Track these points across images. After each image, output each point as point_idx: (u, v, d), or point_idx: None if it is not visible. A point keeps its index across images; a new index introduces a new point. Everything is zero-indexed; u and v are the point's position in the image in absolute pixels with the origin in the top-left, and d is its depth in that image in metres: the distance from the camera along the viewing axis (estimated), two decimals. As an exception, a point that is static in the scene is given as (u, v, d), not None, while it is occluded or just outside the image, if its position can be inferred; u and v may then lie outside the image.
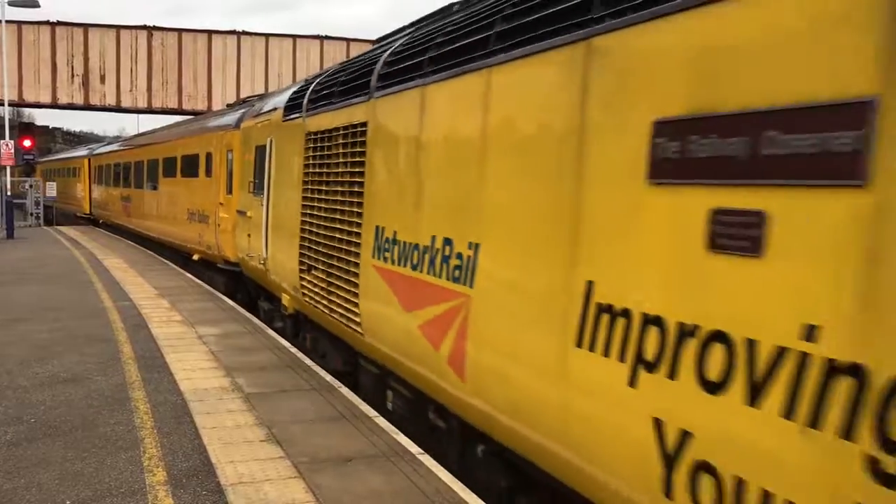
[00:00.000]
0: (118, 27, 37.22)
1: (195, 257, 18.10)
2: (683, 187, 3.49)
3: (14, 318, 12.05)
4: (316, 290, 9.01)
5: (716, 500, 3.26)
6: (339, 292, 8.17)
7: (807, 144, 2.91)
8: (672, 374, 3.51)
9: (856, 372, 2.69)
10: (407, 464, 6.04)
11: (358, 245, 7.56)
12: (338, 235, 8.22)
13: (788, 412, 2.94)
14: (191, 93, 38.15)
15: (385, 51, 7.59)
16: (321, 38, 40.28)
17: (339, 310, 8.18)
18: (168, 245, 21.24)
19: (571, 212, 4.27)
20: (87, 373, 8.67)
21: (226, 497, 5.37)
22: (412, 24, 8.02)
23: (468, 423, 5.75)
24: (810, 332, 2.87)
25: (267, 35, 39.44)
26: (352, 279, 7.75)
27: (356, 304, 7.61)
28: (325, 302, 8.69)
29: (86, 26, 36.62)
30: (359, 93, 7.83)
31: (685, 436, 3.44)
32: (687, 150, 3.47)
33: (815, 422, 2.83)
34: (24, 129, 35.65)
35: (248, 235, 12.87)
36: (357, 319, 7.64)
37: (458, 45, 5.77)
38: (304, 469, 5.88)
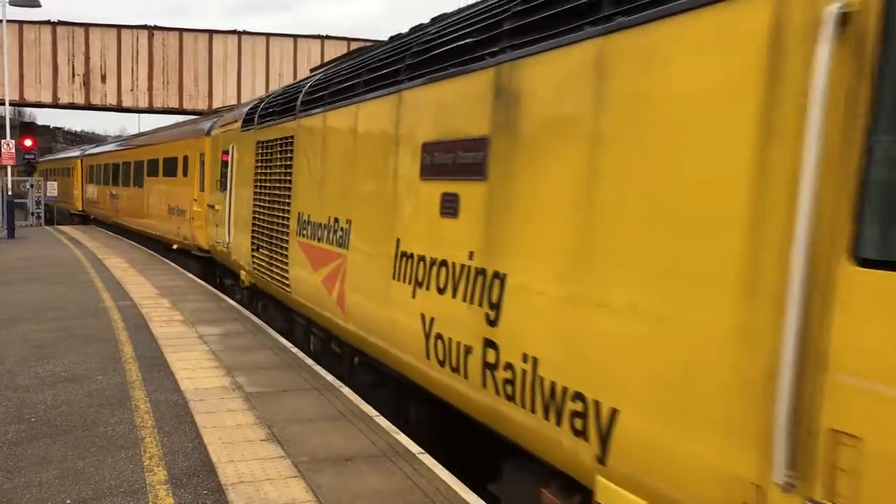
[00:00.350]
0: (119, 27, 37.25)
1: (174, 247, 20.48)
2: (432, 181, 6.03)
3: (15, 317, 12.06)
4: (263, 264, 11.53)
5: (444, 353, 5.70)
6: (277, 264, 10.70)
7: (470, 158, 5.44)
8: (426, 287, 6.02)
9: (484, 273, 5.20)
10: (407, 463, 6.04)
11: (287, 227, 10.18)
12: (276, 221, 10.74)
13: (465, 296, 5.44)
14: (191, 93, 38.18)
15: (307, 83, 10.26)
16: (322, 38, 40.30)
17: (278, 277, 10.67)
18: (151, 237, 23.49)
19: (391, 197, 6.81)
20: (88, 372, 8.67)
21: (226, 496, 5.38)
22: (323, 65, 11.37)
23: (349, 344, 8.35)
24: (471, 255, 5.41)
25: (267, 35, 39.46)
26: (284, 253, 10.33)
27: (287, 271, 10.21)
28: (268, 273, 11.21)
29: (87, 26, 36.65)
30: (289, 114, 10.40)
31: (432, 321, 5.93)
32: (433, 159, 6.02)
33: (472, 299, 5.34)
34: (25, 128, 35.63)
35: (216, 225, 15.17)
36: (287, 282, 10.20)
37: (342, 86, 8.47)
38: (305, 468, 5.89)
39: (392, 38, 8.12)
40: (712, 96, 3.42)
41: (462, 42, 5.79)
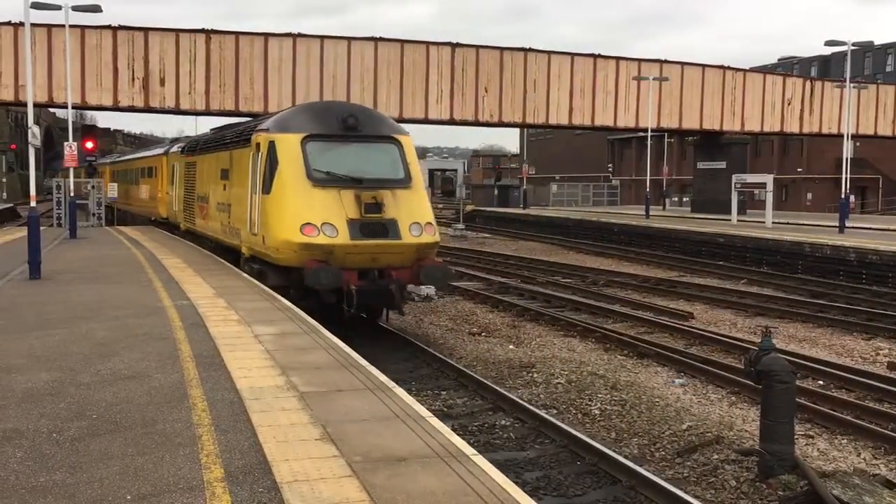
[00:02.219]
0: (177, 31, 37.84)
1: (152, 218, 33.51)
2: (221, 181, 20.07)
3: (77, 316, 12.34)
4: (188, 217, 25.06)
5: (222, 229, 20.23)
6: (193, 216, 23.98)
7: (225, 173, 20.04)
8: (222, 212, 19.94)
9: (228, 206, 19.44)
10: (461, 464, 6.04)
11: (194, 199, 23.80)
12: (192, 198, 24.28)
13: (222, 211, 20.05)
14: (247, 95, 38.61)
15: (202, 138, 24.61)
16: (375, 40, 40.48)
17: (192, 221, 24.14)
18: (140, 214, 37.36)
19: (218, 186, 20.52)
20: (147, 370, 8.83)
21: (281, 495, 5.43)
22: (215, 130, 24.70)
23: (208, 237, 22.35)
24: (225, 203, 19.74)
25: (322, 37, 39.74)
26: (192, 211, 24.21)
27: (195, 218, 23.96)
28: (190, 221, 24.68)
29: (146, 30, 37.29)
30: (194, 152, 24.20)
31: (222, 222, 19.92)
32: (220, 174, 20.46)
33: (223, 210, 19.73)
34: (86, 131, 36.48)
35: (170, 203, 29.19)
36: (195, 222, 23.89)
37: (207, 145, 22.45)
38: (359, 468, 5.92)
39: (213, 131, 24.11)
40: (244, 164, 17.63)
41: (223, 141, 20.48)
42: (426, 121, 42.43)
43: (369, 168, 15.59)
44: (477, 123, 43.60)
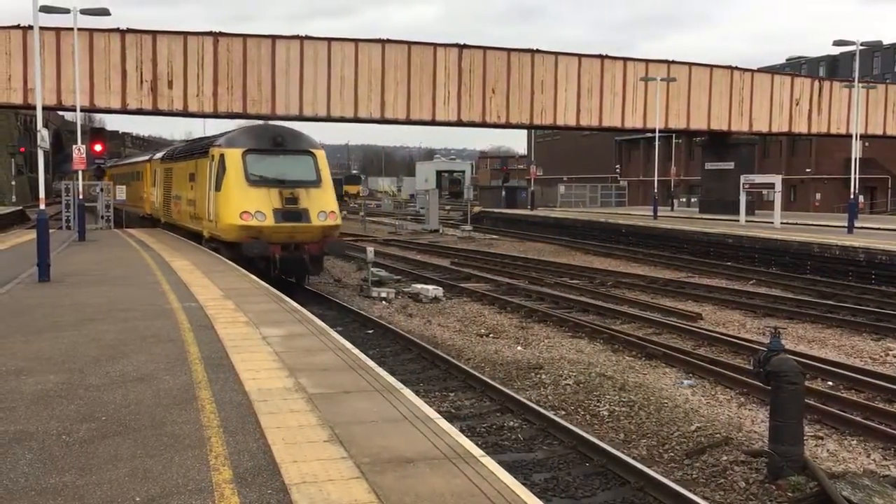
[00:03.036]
0: (185, 33, 37.93)
1: (141, 215, 37.88)
2: (189, 183, 26.23)
3: (86, 318, 12.38)
4: (165, 212, 31.30)
5: (190, 218, 26.33)
6: (170, 211, 30.20)
7: (193, 176, 25.86)
8: (191, 207, 25.89)
9: (194, 201, 25.56)
10: (469, 466, 6.04)
11: (171, 198, 29.89)
12: (169, 197, 30.34)
13: (190, 205, 26.07)
14: (255, 97, 38.67)
15: (174, 149, 32.24)
16: (382, 42, 40.51)
17: (168, 215, 30.62)
18: (131, 211, 40.86)
19: (188, 187, 26.53)
20: (156, 372, 8.86)
21: (290, 496, 5.44)
22: (181, 142, 38.48)
23: (181, 227, 28.12)
24: (193, 199, 25.71)
25: (329, 39, 39.79)
26: (170, 206, 30.12)
27: (171, 211, 29.94)
28: (167, 215, 31.02)
29: (154, 33, 37.39)
30: (170, 160, 30.39)
31: (190, 212, 26.25)
32: (188, 178, 26.85)
33: (192, 206, 26.10)
34: (95, 133, 36.50)
35: (153, 201, 34.02)
36: (172, 215, 29.92)
37: (179, 154, 29.21)
38: (367, 470, 5.92)
39: (184, 144, 33.67)
40: (204, 170, 23.45)
41: (191, 152, 26.66)
42: (434, 122, 42.44)
43: (290, 173, 21.61)
44: (484, 125, 43.59)
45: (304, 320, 12.46)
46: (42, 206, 18.25)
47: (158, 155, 34.52)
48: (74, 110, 32.55)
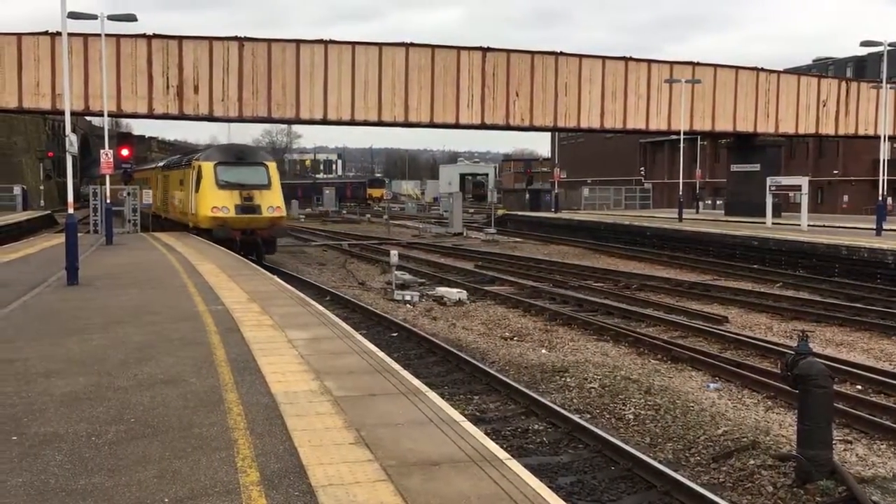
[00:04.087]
0: (211, 38, 38.21)
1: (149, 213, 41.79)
2: (180, 188, 33.91)
3: (114, 321, 12.50)
4: (164, 208, 38.88)
5: (180, 213, 34.31)
6: (168, 209, 37.86)
7: (183, 182, 33.46)
8: (181, 203, 33.89)
9: (184, 199, 33.31)
10: (495, 469, 6.04)
11: (168, 197, 37.66)
12: (167, 196, 38.21)
13: (182, 204, 33.74)
14: (279, 101, 38.87)
15: (172, 160, 40.97)
16: (406, 46, 40.60)
17: (167, 211, 38.15)
18: (143, 211, 43.13)
19: (180, 191, 33.81)
20: (183, 375, 8.93)
21: (317, 498, 5.46)
22: (176, 156, 45.37)
23: (171, 220, 36.74)
24: (181, 198, 34.32)
25: (353, 43, 39.92)
26: (167, 204, 37.91)
27: (168, 207, 37.68)
28: (165, 210, 38.65)
29: (180, 38, 37.71)
30: (167, 168, 39.22)
31: (182, 209, 33.87)
32: (180, 185, 34.32)
33: (182, 205, 33.36)
34: (122, 138, 37.04)
35: (157, 201, 40.39)
36: (168, 210, 37.72)
37: (173, 164, 38.11)
38: (393, 472, 5.94)
39: (178, 157, 40.43)
40: (189, 177, 31.18)
41: (180, 164, 35.02)
42: (457, 125, 42.46)
43: (248, 179, 29.49)
44: (508, 127, 43.54)
45: (330, 323, 12.51)
46: (70, 210, 18.45)
47: (160, 164, 44.26)
48: (102, 115, 32.90)
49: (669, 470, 8.94)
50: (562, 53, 43.28)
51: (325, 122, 40.46)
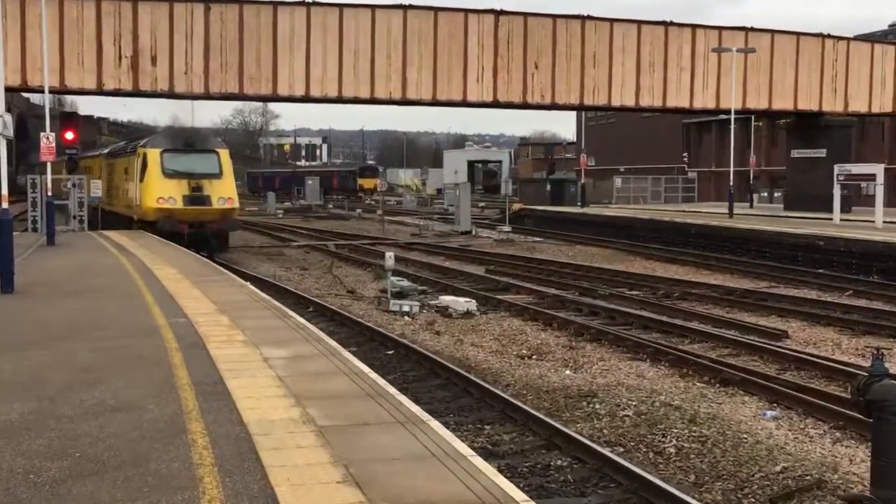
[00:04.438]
0: (171, 0, 38.23)
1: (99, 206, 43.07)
2: (126, 177, 36.74)
3: (56, 336, 12.52)
4: (108, 199, 40.76)
5: (124, 205, 37.99)
6: (112, 200, 40.57)
7: (127, 170, 37.63)
8: (126, 194, 36.85)
9: (127, 189, 36.94)
10: (509, 513, 6.03)
11: (112, 187, 40.89)
12: (111, 186, 41.10)
13: (127, 194, 36.71)
14: (253, 74, 38.89)
15: (114, 147, 47.57)
16: (404, 8, 40.59)
17: (111, 202, 40.70)
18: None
19: (125, 181, 36.88)
20: (139, 400, 8.94)
21: (297, 547, 5.46)
22: (121, 142, 49.92)
23: (113, 212, 39.82)
24: (126, 189, 37.75)
25: (341, 5, 39.91)
26: (110, 195, 40.76)
27: (112, 199, 40.52)
28: (109, 203, 40.73)
29: (135, 0, 37.74)
30: (111, 157, 43.41)
31: (125, 200, 37.71)
32: (125, 173, 37.57)
33: (125, 194, 37.15)
34: (66, 119, 37.00)
35: (99, 190, 39.05)
36: (111, 202, 40.66)
37: (118, 151, 42.64)
38: (388, 517, 5.93)
39: (123, 143, 45.21)
40: (133, 165, 33.98)
41: (125, 151, 38.76)
42: (465, 103, 42.50)
43: (197, 167, 31.83)
44: (525, 106, 43.58)
45: (313, 339, 12.52)
46: (4, 205, 18.47)
47: (105, 151, 46.70)
48: (42, 91, 32.94)
49: (718, 514, 8.93)
50: (589, 17, 43.31)
51: (307, 99, 40.55)
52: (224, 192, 31.65)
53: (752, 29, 46.13)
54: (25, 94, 75.22)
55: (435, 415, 9.84)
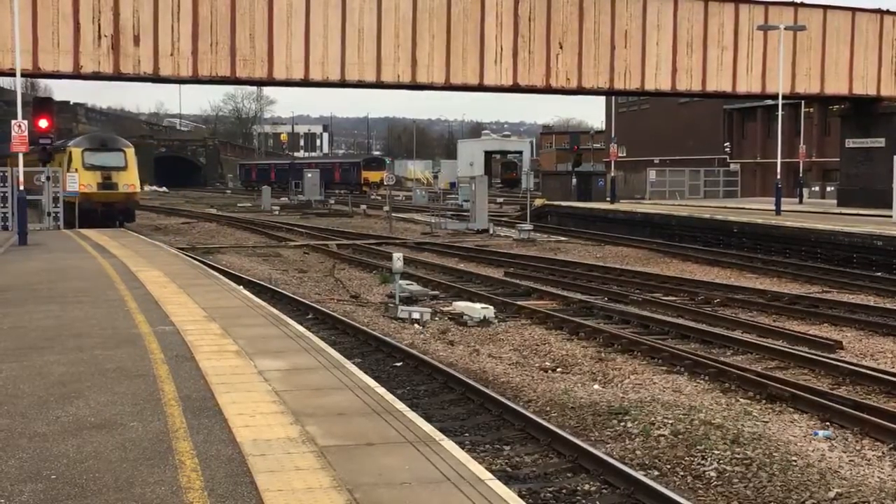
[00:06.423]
0: (156, -26, 38.23)
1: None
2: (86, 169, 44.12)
3: (29, 346, 12.55)
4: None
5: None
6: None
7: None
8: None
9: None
10: (532, 543, 6.03)
11: (74, 182, 43.22)
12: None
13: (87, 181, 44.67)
14: (246, 56, 38.85)
15: (56, 144, 44.57)
16: (414, -18, 40.57)
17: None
18: None
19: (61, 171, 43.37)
20: (120, 417, 8.96)
21: (296, 581, 5.47)
22: (60, 140, 53.70)
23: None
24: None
25: (344, -21, 39.91)
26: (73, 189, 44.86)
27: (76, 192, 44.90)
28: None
29: (116, -27, 37.74)
30: (56, 151, 43.84)
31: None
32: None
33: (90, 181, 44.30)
34: (39, 105, 36.95)
35: (76, 184, 43.53)
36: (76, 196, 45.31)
37: (58, 148, 45.43)
38: (397, 547, 5.94)
39: (61, 142, 49.37)
40: (63, 161, 43.87)
41: (62, 147, 46.00)
42: (481, 87, 42.46)
43: (109, 162, 44.21)
44: (548, 90, 43.55)
45: (313, 349, 12.54)
46: (-28, 201, 18.62)
47: (68, 145, 54.54)
48: (13, 75, 33.04)
49: (764, 545, 8.93)
50: (620, -9, 43.24)
51: (306, 83, 40.55)
52: (128, 181, 44.74)
53: (802, 4, 45.99)
54: (-5, 78, 75.44)
55: (448, 434, 9.84)
